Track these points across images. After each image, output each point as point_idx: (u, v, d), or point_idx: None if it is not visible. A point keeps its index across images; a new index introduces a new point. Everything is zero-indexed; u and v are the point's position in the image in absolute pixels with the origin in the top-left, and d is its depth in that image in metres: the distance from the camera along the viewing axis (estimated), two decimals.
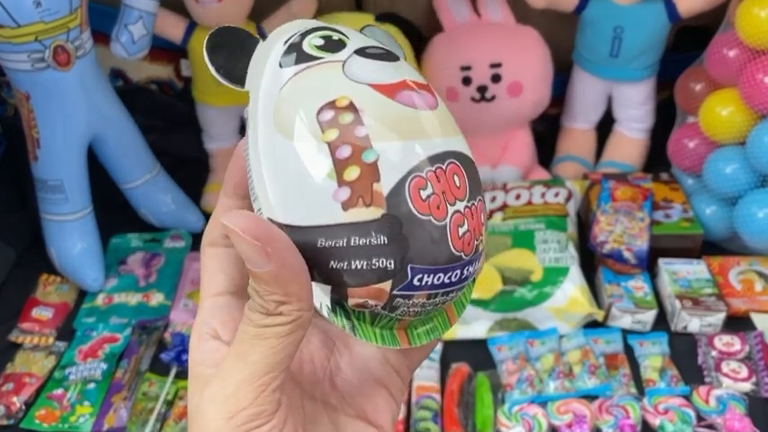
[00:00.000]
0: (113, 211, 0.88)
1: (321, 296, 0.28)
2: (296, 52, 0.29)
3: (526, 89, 0.89)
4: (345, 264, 0.27)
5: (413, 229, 0.26)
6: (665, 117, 0.93)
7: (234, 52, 0.31)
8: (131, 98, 0.89)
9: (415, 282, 0.27)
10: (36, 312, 0.80)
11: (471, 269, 0.28)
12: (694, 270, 0.78)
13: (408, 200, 0.26)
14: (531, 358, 0.72)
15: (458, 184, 0.27)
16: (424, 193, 0.26)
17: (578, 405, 0.67)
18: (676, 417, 0.65)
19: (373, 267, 0.27)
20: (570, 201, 0.85)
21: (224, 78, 0.30)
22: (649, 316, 0.75)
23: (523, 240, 0.79)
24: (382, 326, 0.29)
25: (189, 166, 0.96)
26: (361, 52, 0.29)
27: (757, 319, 0.75)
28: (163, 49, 0.97)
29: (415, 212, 0.26)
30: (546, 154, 0.98)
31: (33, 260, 0.86)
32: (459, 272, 0.28)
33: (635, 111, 0.94)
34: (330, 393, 0.31)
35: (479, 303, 0.76)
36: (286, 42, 0.30)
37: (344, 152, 0.27)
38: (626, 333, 0.75)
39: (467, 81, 0.89)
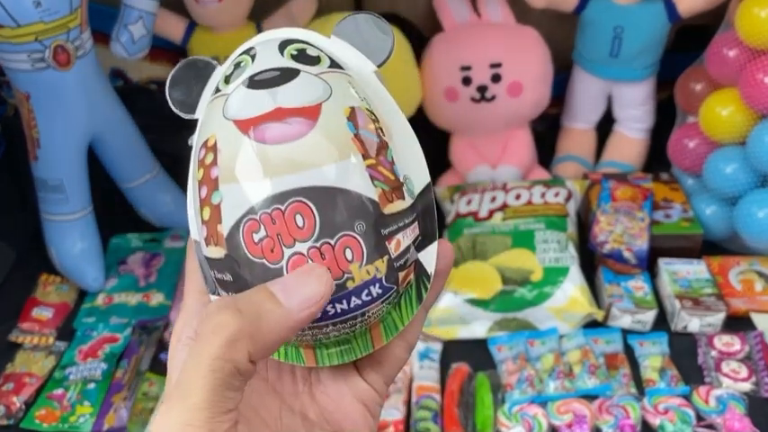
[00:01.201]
0: (113, 211, 0.88)
1: None
2: (216, 82, 0.30)
3: (526, 89, 0.89)
4: (222, 292, 0.28)
5: (249, 271, 0.27)
6: (666, 117, 0.93)
7: (191, 83, 0.31)
8: (131, 98, 0.89)
9: None
10: (36, 312, 0.80)
11: (341, 306, 0.27)
12: (694, 270, 0.78)
13: (242, 243, 0.26)
14: (531, 358, 0.72)
15: (300, 225, 0.26)
16: (256, 237, 0.26)
17: (578, 405, 0.67)
18: (676, 417, 0.65)
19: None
20: (570, 201, 0.85)
21: (178, 109, 0.31)
22: (649, 316, 0.75)
23: (523, 240, 0.79)
24: (285, 344, 0.30)
25: (189, 166, 0.96)
26: (247, 81, 0.28)
27: (757, 319, 0.75)
28: (163, 49, 0.97)
29: (249, 255, 0.27)
30: (546, 154, 0.98)
31: (33, 260, 0.86)
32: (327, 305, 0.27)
33: (635, 111, 0.94)
34: (309, 407, 0.31)
35: (479, 303, 0.76)
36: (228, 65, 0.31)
37: (203, 193, 0.28)
38: (626, 333, 0.75)
39: (467, 81, 0.89)
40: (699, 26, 0.91)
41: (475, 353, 0.74)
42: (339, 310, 0.27)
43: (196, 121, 0.31)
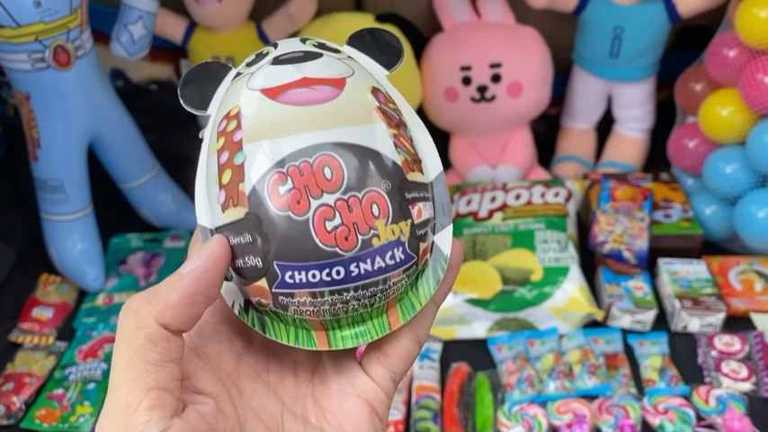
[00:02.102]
0: (113, 211, 0.88)
1: (237, 296, 0.30)
2: (235, 74, 0.31)
3: (526, 89, 0.89)
4: (236, 262, 0.28)
5: (272, 226, 0.27)
6: (665, 117, 0.93)
7: (203, 83, 0.31)
8: (131, 98, 0.89)
9: (287, 279, 0.27)
10: (36, 312, 0.80)
11: (365, 266, 0.27)
12: (694, 270, 0.78)
13: (267, 197, 0.27)
14: (530, 358, 0.72)
15: (329, 177, 0.27)
16: (282, 189, 0.26)
17: (578, 405, 0.67)
18: (676, 417, 0.65)
19: (248, 265, 0.28)
20: (570, 201, 0.85)
21: (189, 106, 0.31)
22: (649, 316, 0.75)
23: (523, 240, 0.79)
24: (296, 325, 0.29)
25: (189, 165, 0.95)
26: (274, 60, 0.29)
27: (757, 319, 0.75)
28: (163, 49, 0.97)
29: (273, 208, 0.27)
30: (546, 154, 0.98)
31: (33, 260, 0.86)
32: (341, 269, 0.27)
33: (635, 111, 0.94)
34: (311, 410, 0.30)
35: (479, 303, 0.76)
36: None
37: (223, 158, 0.28)
38: (626, 333, 0.75)
39: (467, 81, 0.89)
40: (699, 26, 0.91)
41: (475, 353, 0.74)
42: (363, 271, 0.27)
43: (194, 121, 0.31)
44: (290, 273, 0.27)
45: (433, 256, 0.30)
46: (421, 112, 0.94)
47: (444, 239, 0.30)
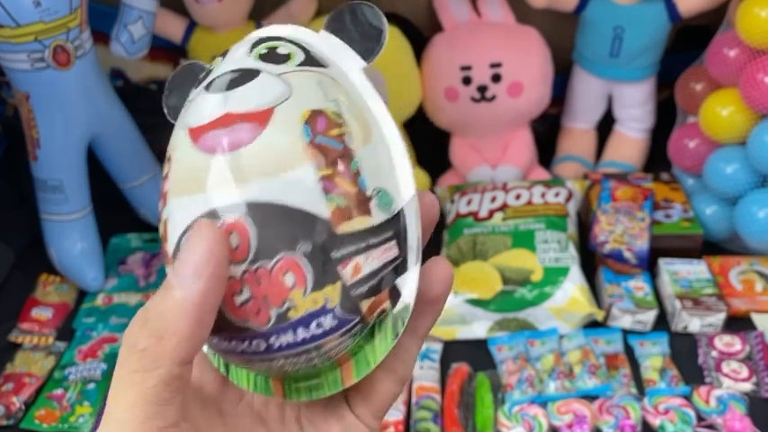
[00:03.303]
0: (113, 211, 0.88)
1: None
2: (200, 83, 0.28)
3: (526, 89, 0.89)
4: None
5: None
6: (666, 117, 0.93)
7: (186, 89, 0.28)
8: (131, 98, 0.89)
9: (215, 343, 0.26)
10: (36, 312, 0.80)
11: (287, 338, 0.24)
12: (695, 270, 0.78)
13: None
14: (531, 358, 0.72)
15: (234, 245, 0.24)
16: None
17: (578, 405, 0.67)
18: (677, 417, 0.65)
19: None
20: (570, 201, 0.85)
21: (172, 117, 0.29)
22: (650, 316, 0.75)
23: (524, 240, 0.79)
24: (255, 373, 0.27)
25: None
26: (209, 85, 0.26)
27: (758, 319, 0.75)
28: (163, 49, 0.97)
29: None
30: (546, 154, 0.98)
31: (33, 260, 0.86)
32: (260, 342, 0.24)
33: (635, 110, 0.94)
34: None
35: (479, 303, 0.76)
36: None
37: (161, 206, 0.26)
38: (626, 333, 0.75)
39: (467, 81, 0.89)
40: (699, 26, 0.91)
41: (475, 353, 0.74)
42: (284, 344, 0.24)
43: None
44: (215, 340, 0.25)
45: (394, 301, 0.26)
46: (421, 111, 0.93)
47: (409, 283, 0.26)
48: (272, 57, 0.26)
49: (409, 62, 0.90)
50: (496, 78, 0.88)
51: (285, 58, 0.26)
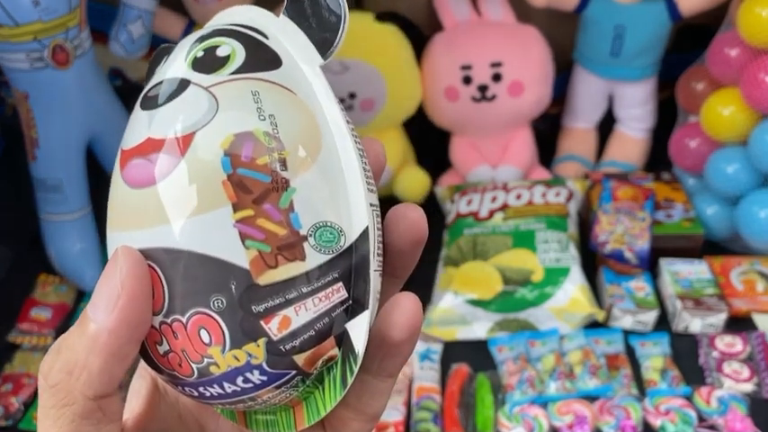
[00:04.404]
0: None
1: None
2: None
3: (527, 88, 0.89)
4: None
5: None
6: (667, 116, 0.92)
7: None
8: (130, 98, 0.88)
9: (159, 377, 0.24)
10: (35, 313, 0.80)
11: (216, 390, 0.22)
12: (696, 270, 0.78)
13: None
14: (531, 359, 0.72)
15: (153, 295, 0.22)
16: None
17: (579, 406, 0.67)
18: (677, 417, 0.65)
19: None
20: (571, 200, 0.84)
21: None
22: (650, 316, 0.74)
23: (524, 240, 0.79)
24: None
25: None
26: (143, 98, 0.23)
27: (759, 319, 0.74)
28: None
29: None
30: (547, 153, 0.98)
31: (32, 260, 0.86)
32: (191, 390, 0.23)
33: (636, 110, 0.94)
34: None
35: (480, 304, 0.76)
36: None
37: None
38: (627, 333, 0.75)
39: (467, 80, 0.89)
40: (700, 25, 0.91)
41: (475, 353, 0.74)
42: (215, 394, 0.23)
43: None
44: (156, 374, 0.25)
45: (344, 348, 0.23)
46: (421, 111, 0.93)
47: (357, 330, 0.23)
48: (206, 62, 0.23)
49: (409, 62, 0.90)
50: (497, 78, 0.88)
51: (221, 63, 0.23)
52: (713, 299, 0.75)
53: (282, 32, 0.25)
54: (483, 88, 0.89)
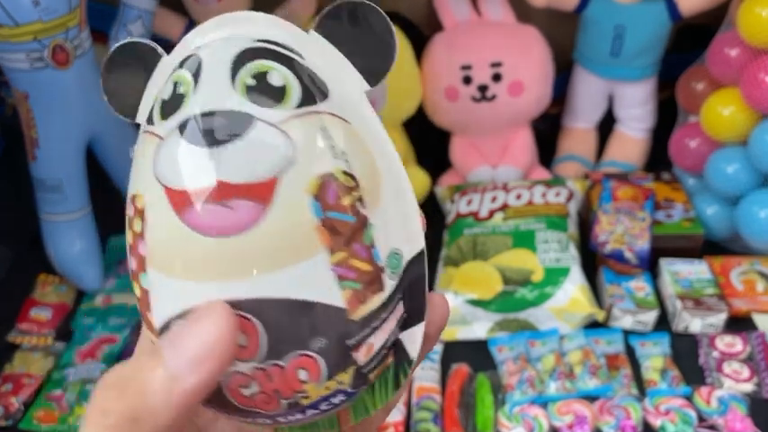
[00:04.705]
0: (112, 211, 0.88)
1: None
2: (152, 99, 0.23)
3: (527, 88, 0.89)
4: None
5: None
6: (667, 116, 0.92)
7: (128, 76, 0.24)
8: None
9: (208, 409, 0.24)
10: (34, 313, 0.80)
11: (295, 417, 0.23)
12: (696, 270, 0.78)
13: None
14: (531, 359, 0.72)
15: (243, 343, 0.21)
16: None
17: (579, 406, 0.67)
18: (677, 417, 0.65)
19: None
20: (571, 200, 0.84)
21: (116, 110, 0.24)
22: (650, 316, 0.74)
23: (524, 240, 0.79)
24: None
25: None
26: (183, 127, 0.21)
27: (759, 319, 0.74)
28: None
29: None
30: (547, 153, 0.98)
31: (32, 260, 0.86)
32: (265, 420, 0.23)
33: (636, 110, 0.94)
34: None
35: (480, 304, 0.76)
36: (174, 70, 0.23)
37: (133, 264, 0.23)
38: (627, 333, 0.75)
39: (467, 80, 0.89)
40: (700, 25, 0.91)
41: (475, 353, 0.74)
42: (293, 420, 0.23)
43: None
44: (208, 408, 0.24)
45: (397, 356, 0.24)
46: (421, 111, 0.93)
47: (414, 337, 0.24)
48: (264, 91, 0.21)
49: (409, 62, 0.90)
50: (497, 78, 0.88)
51: (280, 95, 0.21)
52: (713, 299, 0.75)
53: (317, 52, 0.23)
54: (483, 88, 0.89)
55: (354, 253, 0.22)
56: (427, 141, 0.94)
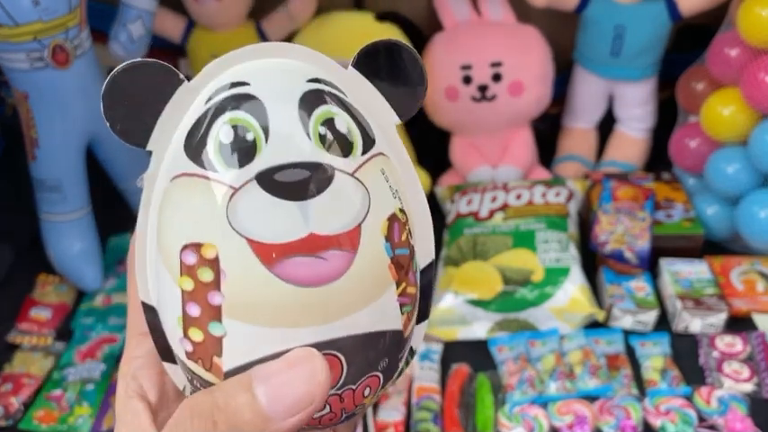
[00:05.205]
0: (112, 211, 0.88)
1: (185, 379, 0.26)
2: (197, 138, 0.22)
3: (527, 88, 0.89)
4: (193, 387, 0.24)
5: None
6: (667, 116, 0.92)
7: (141, 97, 0.23)
8: None
9: None
10: (34, 313, 0.80)
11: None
12: (696, 270, 0.78)
13: None
14: (531, 359, 0.72)
15: None
16: None
17: (579, 406, 0.67)
18: (678, 417, 0.65)
19: None
20: (571, 200, 0.84)
21: (121, 136, 0.23)
22: (651, 316, 0.74)
23: (524, 240, 0.79)
24: None
25: None
26: (264, 179, 0.21)
27: (759, 319, 0.74)
28: (161, 49, 0.97)
29: None
30: (547, 153, 0.98)
31: (32, 260, 0.85)
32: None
33: (636, 110, 0.94)
34: None
35: (480, 304, 0.76)
36: (207, 101, 0.23)
37: (193, 311, 0.22)
38: (627, 333, 0.75)
39: (467, 80, 0.89)
40: (700, 25, 0.91)
41: (475, 353, 0.74)
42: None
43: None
44: None
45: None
46: (421, 111, 0.93)
47: (419, 332, 0.27)
48: (335, 142, 0.22)
49: None
50: (497, 78, 0.88)
51: (349, 143, 0.23)
52: (713, 299, 0.75)
53: (355, 89, 0.24)
54: (483, 88, 0.89)
55: (409, 281, 0.24)
56: (427, 141, 0.94)
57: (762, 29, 0.73)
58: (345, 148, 0.22)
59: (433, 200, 0.93)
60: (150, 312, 0.24)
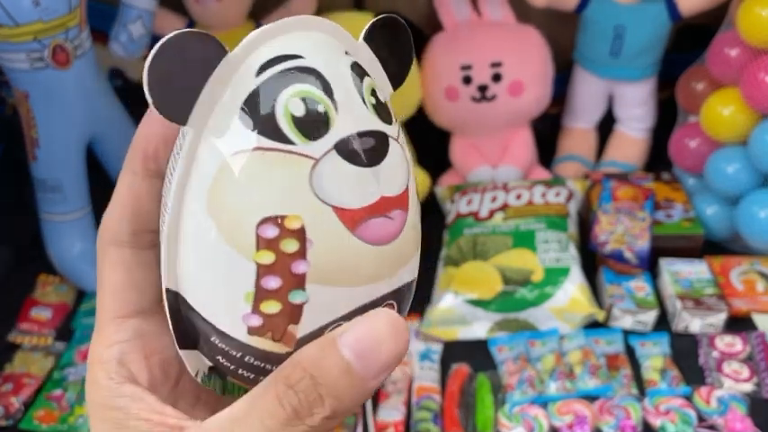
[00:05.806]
0: None
1: (201, 365, 0.26)
2: (263, 113, 0.22)
3: (527, 88, 0.89)
4: (234, 366, 0.25)
5: None
6: (667, 116, 0.92)
7: (184, 71, 0.22)
8: (130, 98, 0.89)
9: None
10: (35, 313, 0.80)
11: None
12: (696, 270, 0.78)
13: None
14: (531, 359, 0.72)
15: None
16: None
17: (579, 406, 0.67)
18: (677, 417, 0.65)
19: (260, 379, 0.24)
20: (571, 200, 0.84)
21: (159, 107, 0.22)
22: (650, 316, 0.74)
23: (524, 240, 0.79)
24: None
25: None
26: (343, 148, 0.22)
27: (759, 319, 0.74)
28: None
29: None
30: (547, 153, 0.98)
31: (32, 260, 0.85)
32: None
33: (636, 110, 0.94)
34: None
35: (480, 304, 0.76)
36: (259, 74, 0.23)
37: (271, 284, 0.22)
38: (627, 333, 0.75)
39: (467, 80, 0.89)
40: (700, 25, 0.91)
41: (475, 353, 0.74)
42: None
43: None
44: None
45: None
46: (421, 111, 0.93)
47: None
48: (383, 109, 0.24)
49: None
50: (497, 78, 0.88)
51: (388, 111, 0.25)
52: (713, 299, 0.75)
53: (365, 59, 0.26)
54: (483, 88, 0.89)
55: None
56: (427, 141, 0.94)
57: (762, 29, 0.73)
58: (388, 116, 0.24)
59: (433, 200, 0.93)
60: (174, 298, 0.25)
